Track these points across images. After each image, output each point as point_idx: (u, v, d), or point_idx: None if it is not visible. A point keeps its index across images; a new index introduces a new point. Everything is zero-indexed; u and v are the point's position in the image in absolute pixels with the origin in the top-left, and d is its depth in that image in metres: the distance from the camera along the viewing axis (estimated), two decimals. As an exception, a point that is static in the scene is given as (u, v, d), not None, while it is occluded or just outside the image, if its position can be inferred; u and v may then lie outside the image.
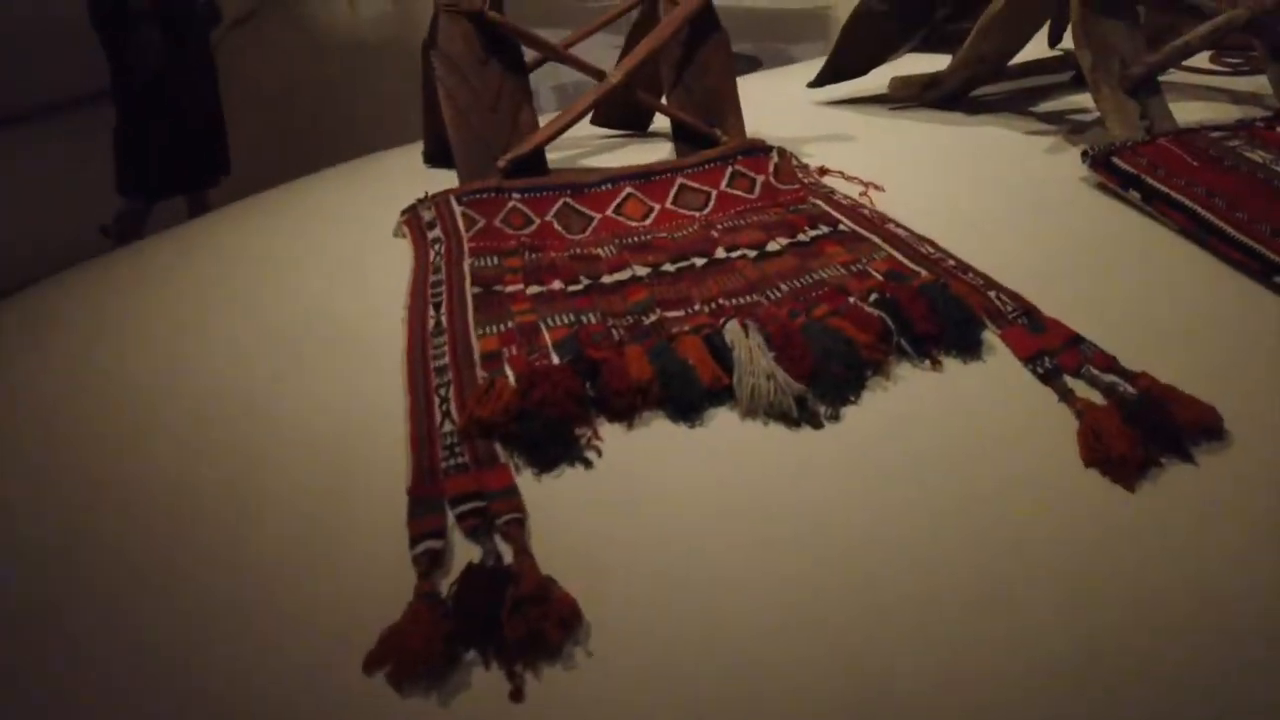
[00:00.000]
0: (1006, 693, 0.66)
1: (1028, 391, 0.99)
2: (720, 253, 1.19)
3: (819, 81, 1.86)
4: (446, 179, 1.43)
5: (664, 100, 1.41)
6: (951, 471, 0.88)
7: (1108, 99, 1.49)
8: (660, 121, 1.65)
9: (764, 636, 0.71)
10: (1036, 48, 2.00)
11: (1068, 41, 1.81)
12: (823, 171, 1.47)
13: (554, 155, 1.66)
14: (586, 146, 1.71)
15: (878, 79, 1.95)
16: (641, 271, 1.15)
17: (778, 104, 1.96)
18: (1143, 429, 0.90)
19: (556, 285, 1.13)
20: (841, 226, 1.26)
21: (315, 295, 1.23)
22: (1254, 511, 0.82)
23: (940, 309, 1.05)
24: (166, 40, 2.52)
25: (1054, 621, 0.71)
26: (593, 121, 1.73)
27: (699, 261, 1.17)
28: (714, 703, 0.67)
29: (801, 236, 1.23)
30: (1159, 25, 1.82)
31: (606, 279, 1.14)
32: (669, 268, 1.16)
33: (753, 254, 1.19)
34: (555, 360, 1.01)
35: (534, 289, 1.13)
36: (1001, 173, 1.53)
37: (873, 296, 1.08)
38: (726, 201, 1.32)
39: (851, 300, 1.08)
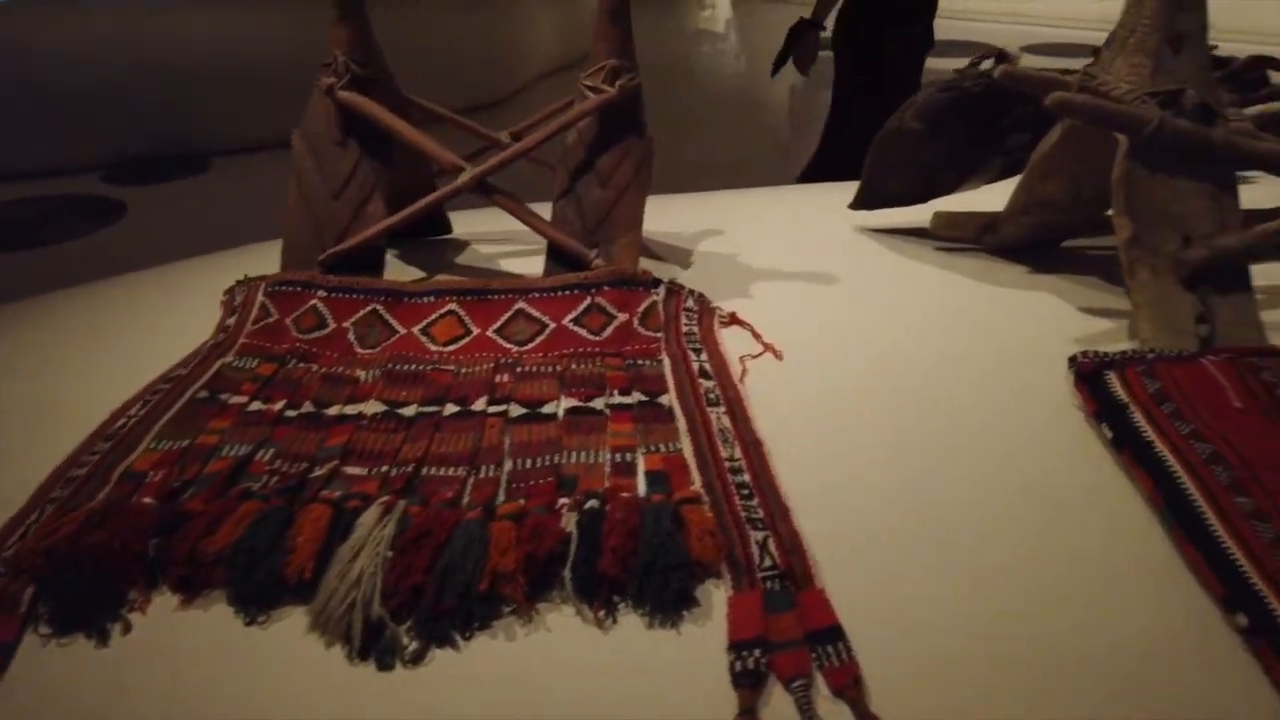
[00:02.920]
0: None
1: (711, 687, 0.72)
2: (479, 404, 1.00)
3: (856, 204, 1.58)
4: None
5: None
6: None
7: (1145, 287, 1.10)
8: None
9: None
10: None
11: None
12: (732, 321, 1.22)
13: (493, 249, 1.54)
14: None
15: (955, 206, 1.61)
16: (372, 409, 1.00)
17: (804, 221, 1.69)
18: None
19: (278, 406, 1.01)
20: (663, 399, 1.02)
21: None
22: None
23: (646, 542, 0.80)
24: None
25: None
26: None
27: (449, 409, 1.00)
28: None
29: (597, 403, 1.01)
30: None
31: (333, 410, 1.01)
32: (407, 411, 1.00)
33: (518, 412, 0.99)
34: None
35: (255, 405, 1.01)
36: (982, 363, 1.18)
37: (588, 504, 0.85)
38: (561, 339, 1.12)
39: (560, 503, 0.86)
